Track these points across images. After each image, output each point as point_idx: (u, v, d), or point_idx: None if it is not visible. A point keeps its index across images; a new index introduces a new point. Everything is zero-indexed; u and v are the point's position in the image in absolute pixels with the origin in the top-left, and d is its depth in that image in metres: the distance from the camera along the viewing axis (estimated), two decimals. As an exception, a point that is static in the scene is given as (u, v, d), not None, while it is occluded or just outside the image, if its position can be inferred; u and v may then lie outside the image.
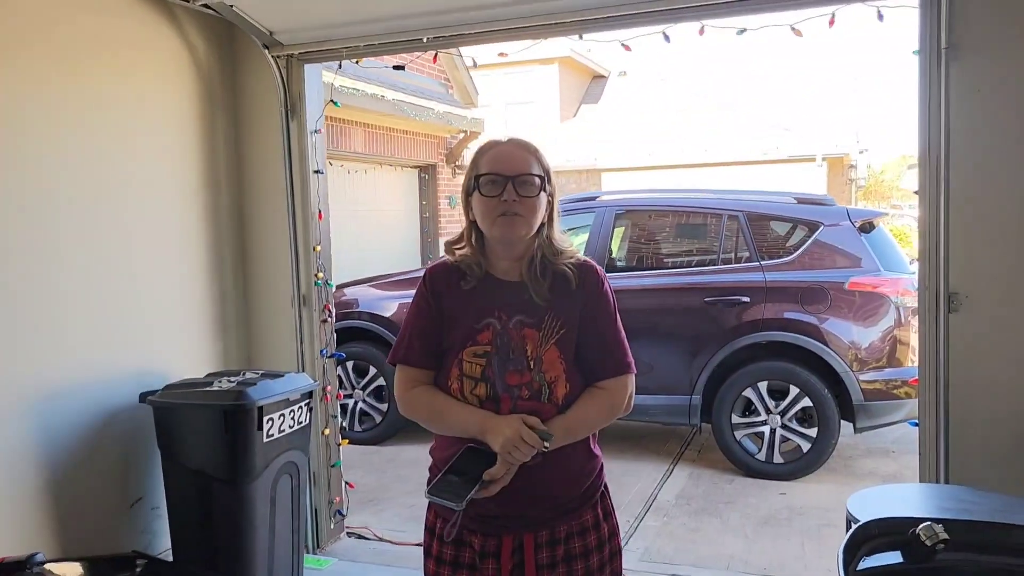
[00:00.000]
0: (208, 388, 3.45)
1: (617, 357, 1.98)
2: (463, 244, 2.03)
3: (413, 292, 6.39)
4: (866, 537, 1.70)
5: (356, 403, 6.40)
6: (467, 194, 2.00)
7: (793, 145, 16.14)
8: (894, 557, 1.67)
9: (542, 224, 1.98)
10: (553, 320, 1.94)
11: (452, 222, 11.86)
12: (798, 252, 5.61)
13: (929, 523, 1.67)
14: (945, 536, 1.64)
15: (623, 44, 3.72)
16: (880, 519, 1.75)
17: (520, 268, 1.98)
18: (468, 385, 1.93)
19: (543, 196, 1.95)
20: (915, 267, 5.83)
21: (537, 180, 1.93)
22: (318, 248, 4.25)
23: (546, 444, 1.77)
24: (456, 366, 1.95)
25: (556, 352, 1.93)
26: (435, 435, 2.05)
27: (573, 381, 1.95)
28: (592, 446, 2.02)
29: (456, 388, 1.94)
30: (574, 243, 2.13)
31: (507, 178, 1.90)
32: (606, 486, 2.06)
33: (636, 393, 2.00)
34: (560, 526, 1.95)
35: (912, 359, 5.39)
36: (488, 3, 3.62)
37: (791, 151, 15.95)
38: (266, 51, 4.09)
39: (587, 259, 2.04)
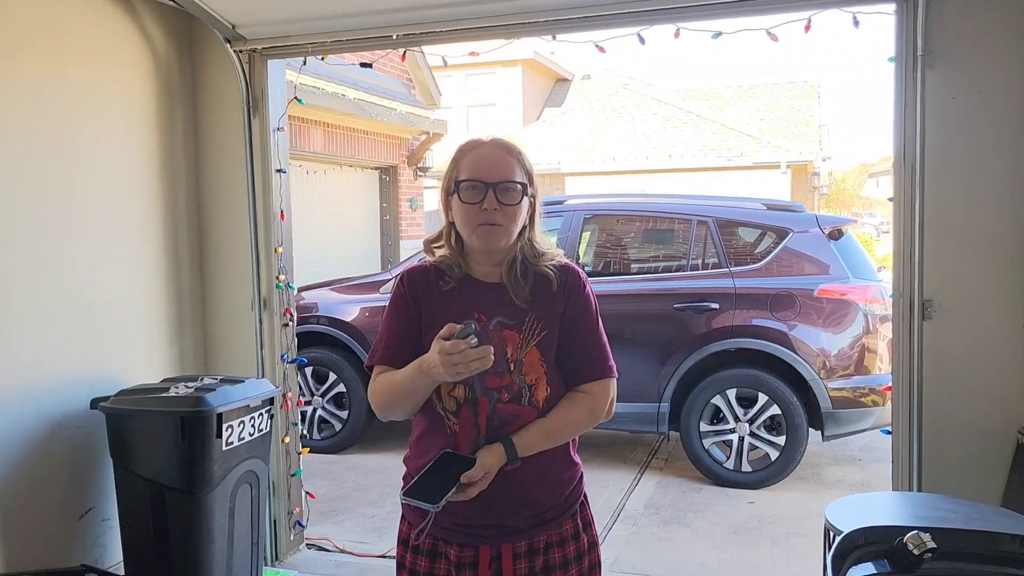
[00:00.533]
0: (164, 394, 3.38)
1: (599, 361, 1.98)
2: (442, 243, 2.02)
3: (374, 296, 6.29)
4: (853, 546, 1.70)
5: (315, 410, 6.34)
6: (447, 194, 1.98)
7: (757, 152, 16.37)
8: (881, 566, 1.68)
9: (523, 227, 1.97)
10: (534, 322, 1.94)
11: (413, 225, 11.82)
12: (767, 259, 5.67)
13: (916, 532, 1.68)
14: (933, 545, 1.65)
15: (597, 46, 3.73)
16: (866, 528, 1.75)
17: (501, 270, 1.98)
18: (445, 387, 1.92)
19: (525, 201, 1.94)
20: (884, 275, 5.96)
21: (519, 187, 1.92)
22: (280, 250, 4.21)
23: (473, 340, 1.72)
24: (437, 368, 1.93)
25: (537, 354, 1.92)
26: (410, 443, 2.02)
27: (554, 384, 1.94)
28: (571, 453, 2.01)
29: (434, 390, 1.93)
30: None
31: (488, 185, 1.89)
32: (586, 495, 2.05)
33: None
34: (539, 536, 1.94)
35: (880, 367, 5.46)
36: (460, 0, 3.60)
37: (756, 158, 16.18)
38: (228, 45, 4.03)
39: (569, 261, 2.03)
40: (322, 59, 4.20)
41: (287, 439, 4.26)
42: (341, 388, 6.31)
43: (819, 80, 22.26)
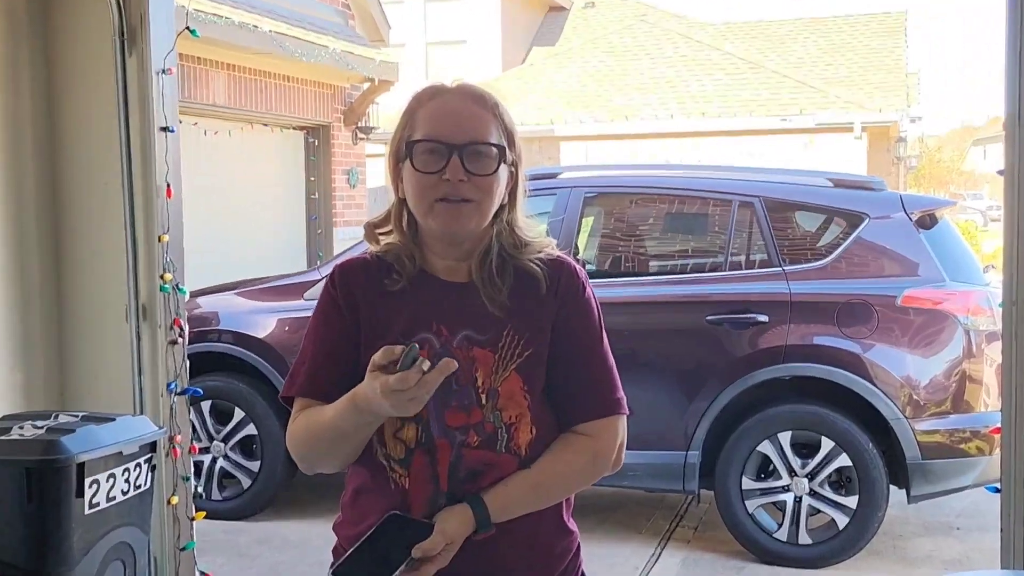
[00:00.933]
0: (3, 437, 3.36)
1: (604, 391, 1.98)
2: (390, 228, 2.02)
3: (297, 304, 6.31)
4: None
5: (215, 460, 6.32)
6: (396, 160, 1.98)
7: (823, 109, 16.50)
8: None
9: (502, 206, 1.97)
10: (514, 337, 1.94)
11: (351, 206, 11.83)
12: (834, 254, 5.70)
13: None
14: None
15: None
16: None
17: (469, 265, 1.98)
18: (391, 425, 1.91)
19: (503, 172, 1.94)
20: (992, 276, 6.02)
21: (495, 151, 1.92)
22: (165, 238, 4.21)
23: (425, 364, 1.70)
24: (377, 400, 1.93)
25: (518, 382, 1.92)
26: (342, 504, 2.02)
27: (541, 423, 1.94)
28: (565, 517, 2.02)
29: (375, 430, 1.92)
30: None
31: (452, 147, 1.89)
32: (583, 574, 2.05)
33: None
34: (520, 630, 1.94)
35: (987, 402, 5.51)
36: None
37: (820, 117, 16.30)
38: (94, -46, 4.04)
39: (562, 254, 2.04)
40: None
41: (175, 499, 4.25)
42: (251, 430, 6.29)
43: (907, 11, 22.48)
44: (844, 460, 5.47)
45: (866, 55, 20.09)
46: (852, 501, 5.48)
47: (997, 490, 3.43)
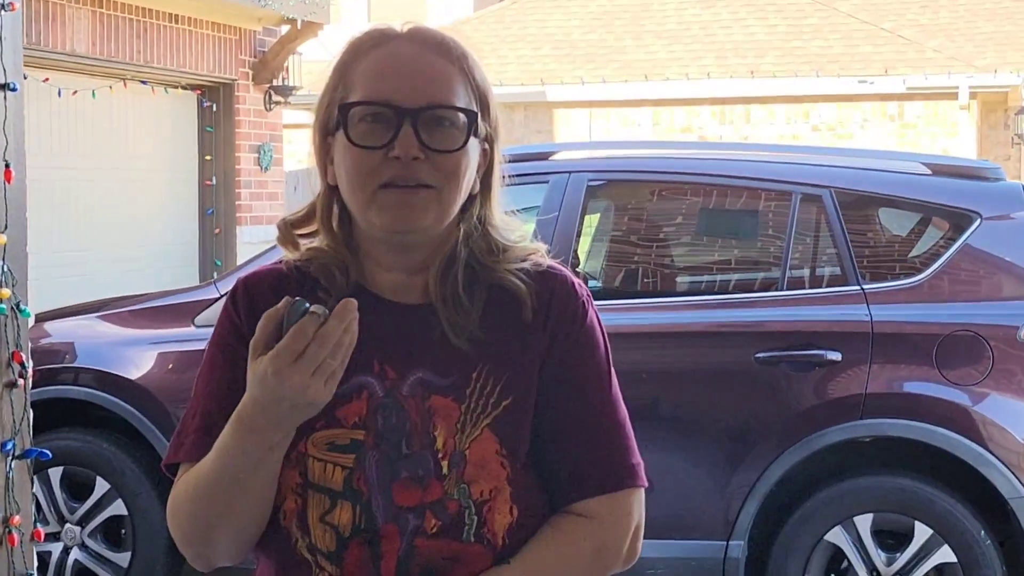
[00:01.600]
0: None
1: (612, 455, 1.98)
2: (314, 227, 2.02)
3: (186, 332, 6.31)
4: None
5: (68, 550, 6.29)
6: (324, 133, 1.98)
7: (917, 69, 16.62)
8: None
9: (471, 196, 1.98)
10: (488, 381, 1.94)
11: (262, 196, 11.83)
12: (932, 268, 5.73)
13: None
14: None
15: None
16: None
17: (425, 280, 1.98)
18: (317, 505, 1.91)
19: (473, 147, 1.95)
20: None
21: (462, 119, 1.93)
22: (3, 239, 4.20)
23: (320, 310, 1.73)
24: (294, 469, 1.92)
25: (493, 443, 1.93)
26: None
27: (525, 501, 1.94)
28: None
29: (293, 510, 1.92)
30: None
31: (403, 113, 1.89)
32: None
33: None
34: None
35: None
36: None
37: (913, 80, 16.43)
38: None
39: (556, 264, 2.05)
40: None
41: (10, 605, 4.23)
42: (118, 509, 6.27)
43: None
44: (946, 554, 5.47)
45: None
46: (957, 611, 5.50)
47: None
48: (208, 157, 11.41)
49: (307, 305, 1.74)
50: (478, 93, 1.97)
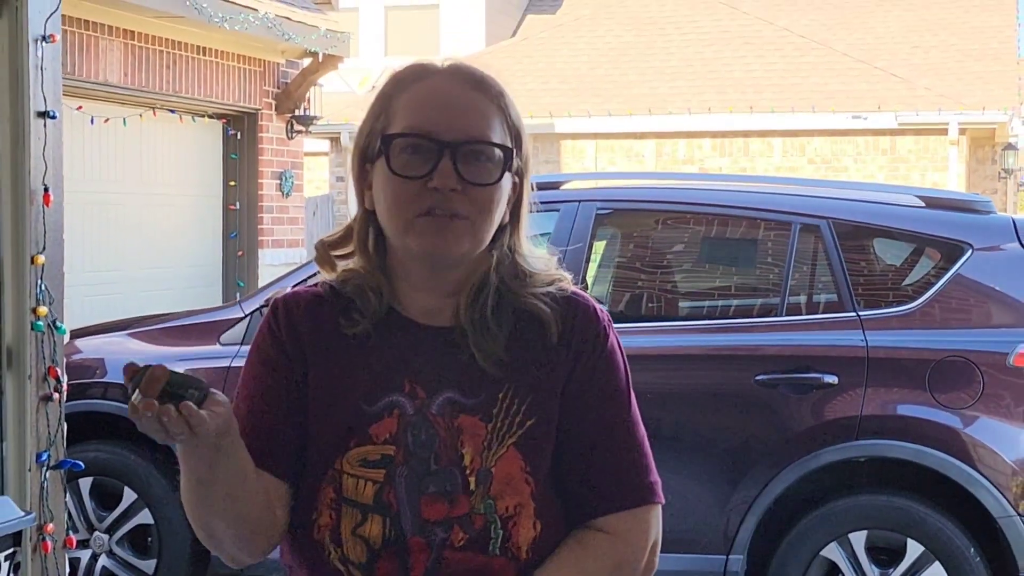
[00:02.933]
0: None
1: (632, 473, 1.99)
2: (351, 249, 2.03)
3: (210, 350, 6.28)
4: None
5: (97, 557, 6.28)
6: (364, 159, 1.99)
7: (909, 104, 16.62)
8: None
9: (502, 226, 1.99)
10: (513, 402, 1.95)
11: (283, 221, 11.84)
12: (925, 296, 5.71)
13: None
14: None
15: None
16: None
17: (457, 303, 1.98)
18: (350, 519, 1.92)
19: (506, 181, 1.96)
20: None
21: (499, 154, 1.94)
22: (40, 259, 4.21)
23: (191, 391, 1.70)
24: (329, 484, 1.93)
25: (518, 461, 1.94)
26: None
27: (548, 516, 1.95)
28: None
29: (327, 524, 1.92)
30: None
31: (443, 146, 1.90)
32: None
33: None
34: None
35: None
36: None
37: (906, 116, 16.43)
38: None
39: (578, 290, 2.05)
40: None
41: (43, 609, 4.23)
42: (144, 517, 6.26)
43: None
44: (937, 571, 5.44)
45: (965, 36, 20.28)
46: (947, 625, 5.48)
47: None
48: (232, 183, 11.41)
49: (137, 383, 1.71)
50: (513, 129, 1.98)
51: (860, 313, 5.72)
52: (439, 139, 1.91)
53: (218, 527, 1.92)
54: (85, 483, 6.24)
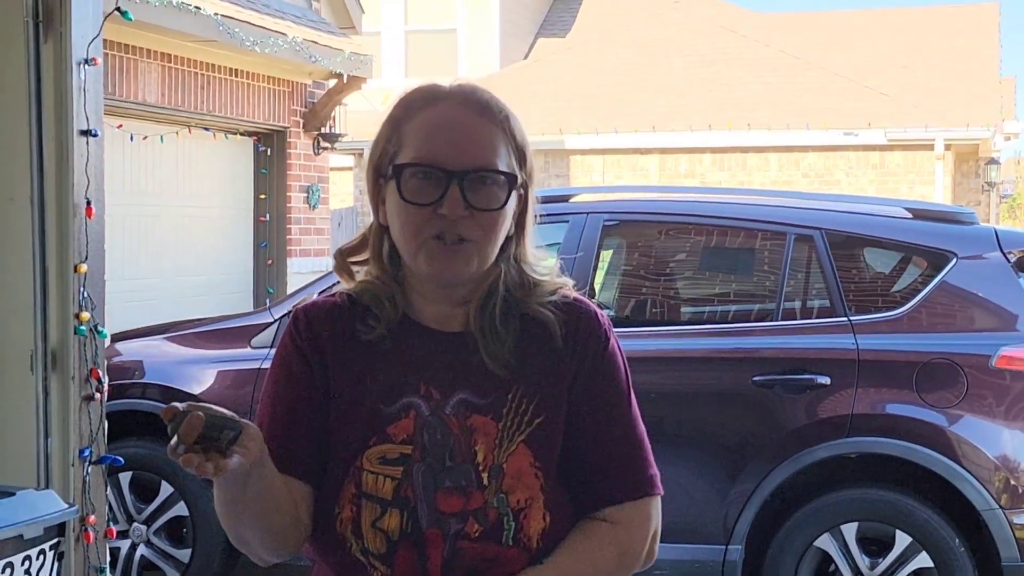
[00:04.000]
0: None
1: (632, 467, 2.00)
2: (365, 256, 2.04)
3: (242, 352, 6.29)
4: None
5: (135, 547, 6.29)
6: (376, 177, 2.00)
7: (897, 122, 16.60)
8: None
9: (508, 237, 1.99)
10: (522, 402, 1.96)
11: (310, 231, 11.85)
12: (913, 302, 5.70)
13: None
14: None
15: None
16: None
17: (466, 311, 1.99)
18: (370, 513, 1.92)
19: (512, 201, 1.96)
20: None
21: (504, 180, 1.94)
22: (83, 268, 4.22)
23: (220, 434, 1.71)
24: (350, 481, 1.94)
25: (527, 457, 1.94)
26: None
27: (556, 508, 1.96)
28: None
29: (349, 518, 1.93)
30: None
31: (451, 175, 1.91)
32: None
33: None
34: None
35: (1102, 489, 5.49)
36: None
37: (894, 132, 16.40)
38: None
39: (580, 296, 2.06)
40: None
41: (85, 596, 4.23)
42: (180, 510, 6.26)
43: (1000, 2, 22.66)
44: (924, 560, 5.44)
45: (950, 56, 20.23)
46: (933, 611, 5.46)
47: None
48: (262, 196, 11.43)
49: (176, 428, 1.71)
50: (518, 150, 1.98)
51: (851, 318, 5.71)
52: (447, 168, 1.91)
53: (248, 535, 1.93)
54: (125, 477, 6.24)
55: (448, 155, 1.91)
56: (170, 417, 1.71)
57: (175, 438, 1.70)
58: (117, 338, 6.49)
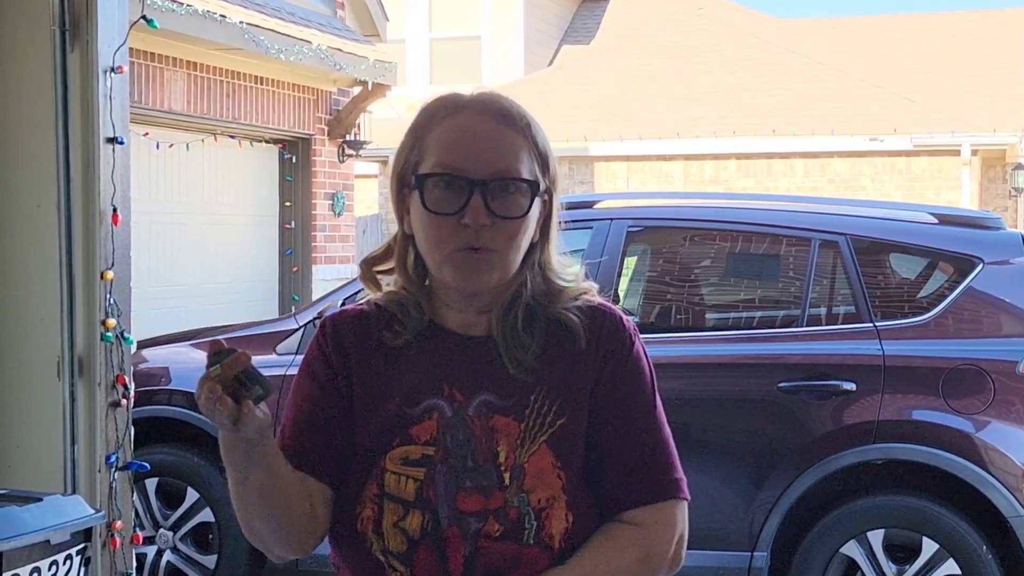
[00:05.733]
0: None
1: (658, 470, 2.00)
2: (390, 265, 2.04)
3: (267, 359, 6.32)
4: None
5: (161, 553, 6.31)
6: (400, 186, 2.01)
7: (923, 127, 16.52)
8: None
9: (532, 244, 2.00)
10: (544, 403, 1.96)
11: (335, 239, 11.88)
12: (939, 308, 5.69)
13: None
14: None
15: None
16: None
17: (491, 317, 2.00)
18: (392, 513, 1.93)
19: (535, 208, 1.97)
20: None
21: (526, 187, 1.95)
22: (109, 275, 4.24)
23: (212, 372, 1.75)
24: (373, 482, 1.95)
25: (549, 458, 1.94)
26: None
27: (579, 509, 1.96)
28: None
29: (370, 517, 1.94)
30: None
31: (474, 184, 1.91)
32: None
33: None
34: None
35: None
36: None
37: (920, 137, 16.32)
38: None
39: (605, 301, 2.06)
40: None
41: (112, 601, 4.26)
42: (206, 516, 6.28)
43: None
44: (951, 567, 5.42)
45: (977, 61, 20.15)
46: (960, 618, 5.44)
47: None
48: (288, 203, 11.46)
49: (225, 356, 1.77)
50: (540, 158, 1.99)
51: (877, 324, 5.71)
52: (469, 177, 1.91)
53: (259, 525, 1.96)
54: (151, 483, 6.27)
55: (470, 164, 1.92)
56: (216, 351, 1.76)
57: (215, 368, 1.75)
58: (143, 345, 6.52)
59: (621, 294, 6.26)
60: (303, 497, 1.94)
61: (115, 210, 4.23)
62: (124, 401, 4.26)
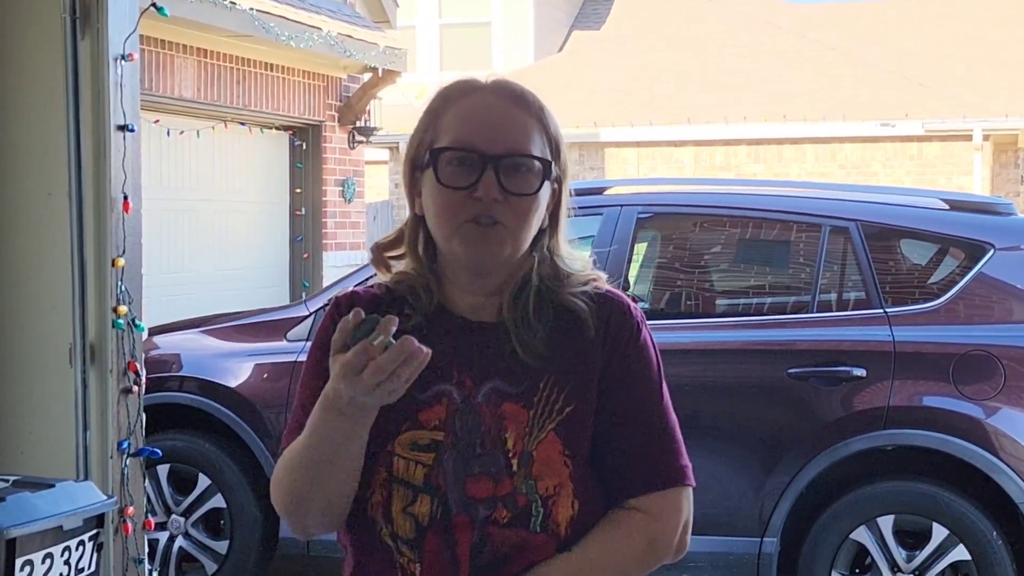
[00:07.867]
0: (-83, 505, 3.38)
1: (664, 457, 2.00)
2: (401, 251, 2.05)
3: (278, 346, 6.32)
4: None
5: (173, 539, 6.32)
6: (413, 170, 2.02)
7: (934, 111, 16.48)
8: None
9: (541, 230, 2.01)
10: (553, 391, 1.97)
11: (346, 225, 11.89)
12: (950, 294, 5.69)
13: None
14: None
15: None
16: None
17: (500, 301, 2.01)
18: (401, 498, 1.94)
19: (545, 190, 1.98)
20: None
21: (538, 166, 1.96)
22: (120, 262, 4.25)
23: (380, 338, 1.73)
24: (382, 466, 1.95)
25: (557, 445, 1.95)
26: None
27: (586, 496, 1.97)
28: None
29: (379, 502, 1.95)
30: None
31: (487, 159, 1.93)
32: None
33: None
34: None
35: None
36: None
37: (931, 123, 16.29)
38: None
39: (613, 289, 2.07)
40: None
41: (125, 587, 4.27)
42: (218, 502, 6.29)
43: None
44: (961, 553, 5.42)
45: (989, 47, 20.06)
46: (971, 604, 5.44)
47: None
48: (298, 190, 11.48)
49: (374, 323, 1.75)
50: (551, 142, 2.00)
51: (887, 310, 5.71)
52: (483, 152, 1.93)
53: (317, 499, 1.93)
54: (163, 470, 6.28)
55: (484, 140, 1.94)
56: (358, 323, 1.76)
57: (379, 336, 1.73)
58: (155, 331, 6.53)
59: (631, 280, 6.27)
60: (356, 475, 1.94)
61: (126, 197, 4.24)
62: (136, 388, 4.28)
